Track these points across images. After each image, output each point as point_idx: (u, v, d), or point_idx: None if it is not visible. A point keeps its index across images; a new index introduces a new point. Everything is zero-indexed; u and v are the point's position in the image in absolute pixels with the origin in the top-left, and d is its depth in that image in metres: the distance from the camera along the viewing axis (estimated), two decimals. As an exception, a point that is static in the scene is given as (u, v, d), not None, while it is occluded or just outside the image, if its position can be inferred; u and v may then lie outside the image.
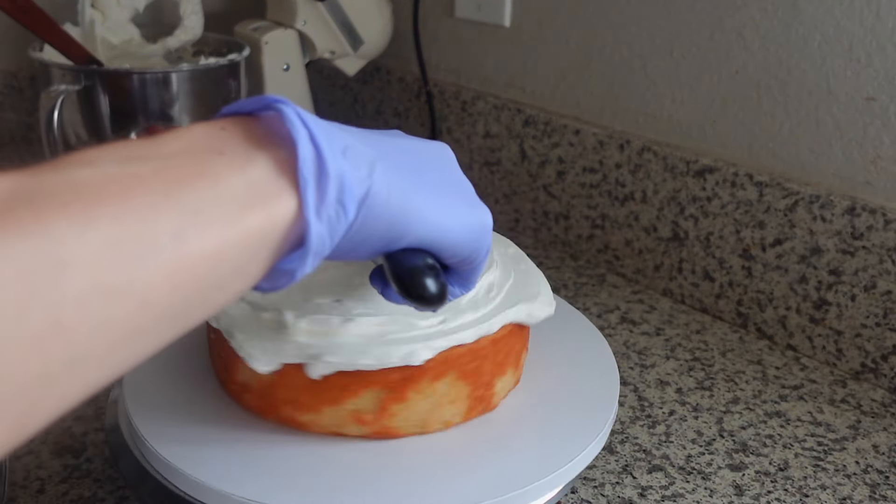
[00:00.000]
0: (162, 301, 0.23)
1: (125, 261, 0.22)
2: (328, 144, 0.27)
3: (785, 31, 0.62)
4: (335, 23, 0.87)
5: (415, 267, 0.31)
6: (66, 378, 0.21)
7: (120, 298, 0.22)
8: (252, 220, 0.25)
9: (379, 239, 0.30)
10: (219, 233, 0.24)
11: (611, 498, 0.47)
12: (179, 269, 0.23)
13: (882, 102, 0.57)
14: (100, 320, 0.21)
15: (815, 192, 0.60)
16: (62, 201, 0.21)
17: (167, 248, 0.23)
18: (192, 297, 0.24)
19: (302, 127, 0.27)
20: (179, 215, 0.23)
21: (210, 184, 0.25)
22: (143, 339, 0.23)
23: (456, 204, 0.33)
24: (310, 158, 0.27)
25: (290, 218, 0.26)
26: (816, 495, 0.48)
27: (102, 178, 0.23)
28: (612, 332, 0.65)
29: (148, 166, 0.24)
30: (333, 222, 0.27)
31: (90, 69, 0.72)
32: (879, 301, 0.58)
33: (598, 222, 0.76)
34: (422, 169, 0.33)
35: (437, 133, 0.91)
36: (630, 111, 0.74)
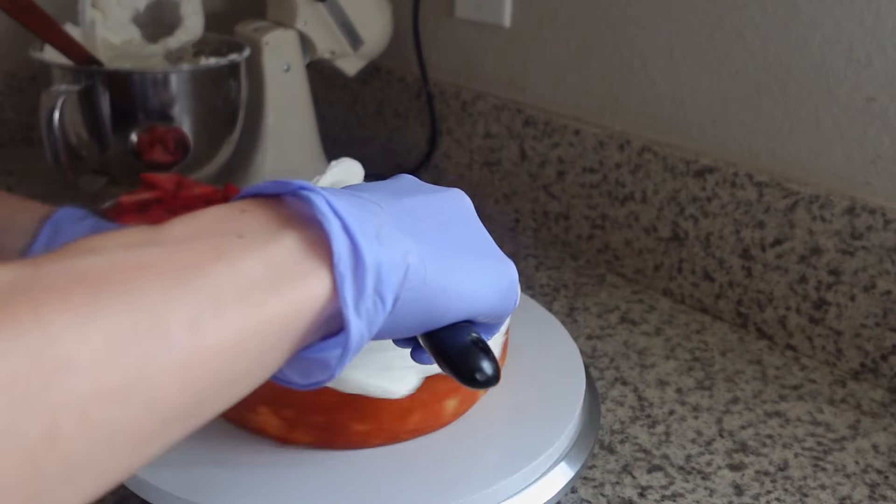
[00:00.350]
0: (171, 402, 0.21)
1: (132, 359, 0.19)
2: (362, 232, 0.25)
3: (785, 31, 0.62)
4: (335, 23, 0.87)
5: (464, 347, 0.29)
6: (61, 492, 0.19)
7: (124, 402, 0.19)
8: (275, 307, 0.23)
9: (415, 321, 0.28)
10: (238, 322, 0.22)
11: (611, 498, 0.47)
12: (193, 366, 0.21)
13: (882, 102, 0.57)
14: (100, 427, 0.19)
15: (815, 192, 0.61)
16: (63, 293, 0.19)
17: (180, 342, 0.20)
18: (206, 392, 0.22)
19: (334, 217, 0.25)
20: (194, 304, 0.21)
21: (229, 268, 0.23)
22: (146, 444, 0.21)
23: (485, 265, 0.31)
24: (345, 251, 0.25)
25: (320, 303, 0.24)
26: (816, 495, 0.48)
27: (108, 266, 0.21)
28: (611, 332, 0.65)
29: (159, 251, 0.22)
30: (371, 314, 0.25)
31: (90, 69, 0.72)
32: (879, 301, 0.58)
33: (598, 222, 0.76)
34: (447, 230, 0.31)
35: (437, 133, 0.91)
36: (630, 111, 0.74)
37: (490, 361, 0.29)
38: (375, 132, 1.00)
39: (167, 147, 0.76)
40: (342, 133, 1.05)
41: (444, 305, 0.29)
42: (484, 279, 0.31)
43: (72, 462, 0.19)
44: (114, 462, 0.20)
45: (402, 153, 0.96)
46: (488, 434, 0.45)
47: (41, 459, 0.18)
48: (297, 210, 0.26)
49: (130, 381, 0.19)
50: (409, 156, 0.96)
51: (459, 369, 0.29)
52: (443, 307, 0.29)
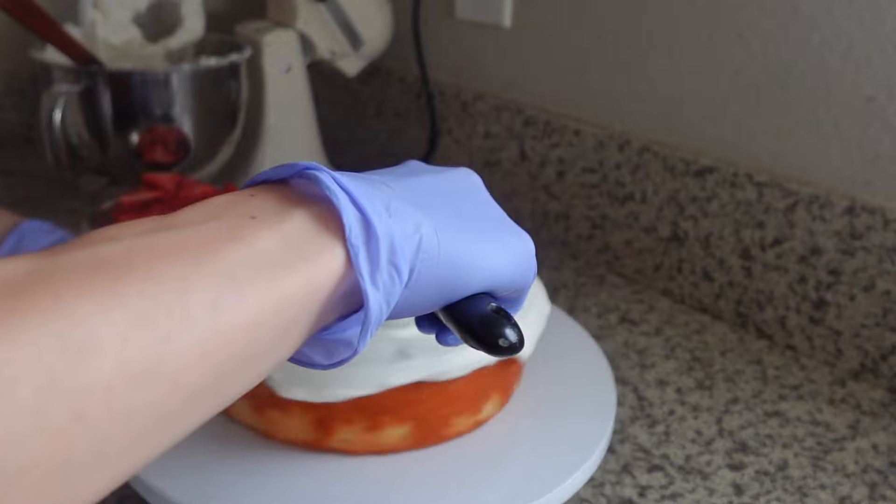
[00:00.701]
0: (195, 379, 0.21)
1: (155, 340, 0.20)
2: (371, 205, 0.25)
3: (785, 31, 0.62)
4: (336, 23, 0.87)
5: (486, 316, 0.29)
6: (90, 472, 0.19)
7: (149, 382, 0.20)
8: (292, 283, 0.23)
9: (433, 294, 0.28)
10: (257, 299, 0.22)
11: (610, 497, 0.47)
12: (215, 342, 0.21)
13: (882, 102, 0.57)
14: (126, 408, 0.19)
15: (815, 192, 0.61)
16: (84, 279, 0.20)
17: (201, 320, 0.21)
18: (228, 370, 0.22)
19: (341, 192, 0.25)
20: (213, 283, 0.22)
21: (244, 247, 0.23)
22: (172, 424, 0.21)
23: (500, 238, 0.31)
24: (356, 223, 0.25)
25: (335, 277, 0.25)
26: (816, 495, 0.48)
27: (126, 252, 0.21)
28: (611, 332, 0.65)
29: (175, 235, 0.22)
30: (388, 287, 0.26)
31: (91, 70, 0.72)
32: (879, 301, 0.58)
33: (598, 222, 0.76)
34: (459, 207, 0.31)
35: (437, 133, 0.91)
36: (630, 111, 0.74)
37: (513, 328, 0.29)
38: (375, 132, 1.00)
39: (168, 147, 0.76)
40: (342, 133, 1.05)
41: (462, 277, 0.29)
42: (500, 251, 0.31)
43: (100, 443, 0.19)
44: (141, 442, 0.20)
45: (402, 153, 0.96)
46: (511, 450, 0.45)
47: (70, 441, 0.18)
48: (305, 190, 0.27)
49: (154, 361, 0.20)
50: (408, 156, 0.96)
51: (482, 338, 0.29)
52: (460, 279, 0.29)
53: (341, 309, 0.26)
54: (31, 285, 0.19)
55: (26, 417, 0.17)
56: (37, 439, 0.18)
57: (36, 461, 0.18)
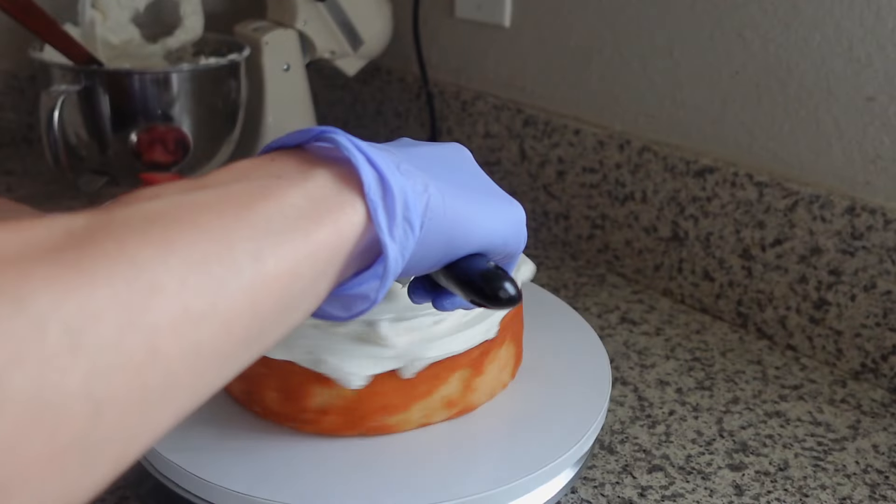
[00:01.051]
0: (245, 323, 0.23)
1: (209, 284, 0.21)
2: (385, 164, 0.27)
3: (785, 31, 0.62)
4: (335, 23, 0.87)
5: (486, 271, 0.31)
6: (163, 405, 0.21)
7: (207, 322, 0.21)
8: (321, 235, 0.25)
9: (438, 251, 0.30)
10: (292, 250, 0.24)
11: (611, 498, 0.47)
12: (259, 289, 0.23)
13: (882, 102, 0.57)
14: (191, 346, 0.21)
15: (815, 192, 0.60)
16: (140, 230, 0.21)
17: (246, 268, 0.23)
18: (270, 317, 0.24)
19: (357, 151, 0.27)
20: (253, 236, 0.23)
21: (275, 203, 0.25)
22: (227, 363, 0.23)
23: (494, 203, 0.33)
24: (373, 180, 0.27)
25: (357, 231, 0.27)
26: (816, 495, 0.48)
27: (172, 207, 0.23)
28: (612, 332, 0.65)
29: (211, 194, 0.24)
30: (403, 241, 0.28)
31: (90, 69, 0.72)
32: (879, 301, 0.58)
33: (598, 222, 0.76)
34: (455, 174, 0.33)
35: (437, 133, 0.91)
36: (630, 111, 0.74)
37: (511, 282, 0.31)
38: (375, 132, 1.00)
39: (167, 147, 0.76)
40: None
41: (463, 236, 0.31)
42: (495, 214, 0.33)
43: (171, 378, 0.20)
44: (201, 380, 0.22)
45: (402, 153, 0.96)
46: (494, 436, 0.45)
47: (147, 376, 0.20)
48: (322, 153, 0.29)
49: (210, 304, 0.21)
50: (409, 156, 0.95)
51: (484, 291, 0.31)
52: (461, 237, 0.31)
53: (358, 264, 0.28)
54: (95, 234, 0.20)
55: (110, 351, 0.19)
56: (119, 372, 0.19)
57: (119, 394, 0.19)
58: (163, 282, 0.20)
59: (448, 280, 0.32)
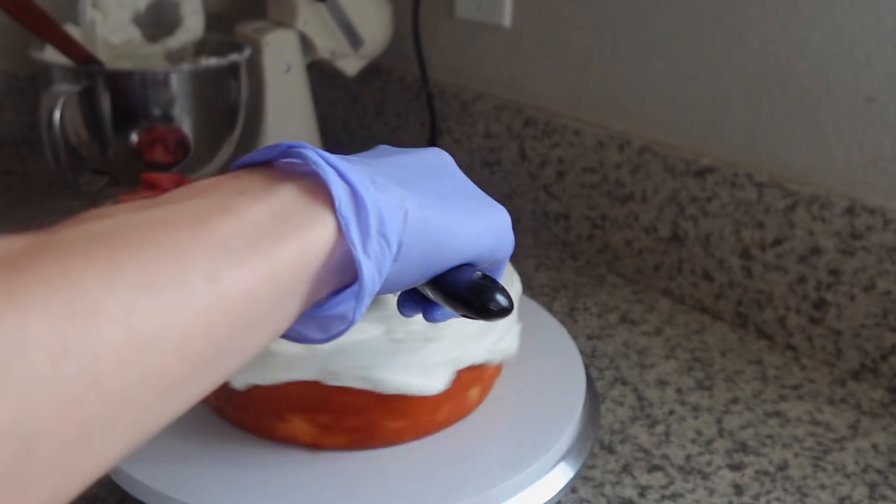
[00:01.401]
0: (198, 348, 0.21)
1: (158, 307, 0.20)
2: (358, 178, 0.26)
3: (785, 31, 0.62)
4: (335, 23, 0.87)
5: (474, 283, 0.30)
6: (103, 440, 0.19)
7: (155, 349, 0.20)
8: (285, 253, 0.24)
9: (420, 266, 0.29)
10: (252, 269, 0.23)
11: (610, 497, 0.47)
12: (214, 312, 0.22)
13: (882, 102, 0.57)
14: (136, 374, 0.20)
15: (815, 192, 0.61)
16: (84, 251, 0.20)
17: (200, 289, 0.21)
18: (227, 340, 0.23)
19: (327, 165, 0.26)
20: (209, 255, 0.22)
21: (235, 220, 0.23)
22: (178, 393, 0.22)
23: (477, 210, 0.32)
24: (345, 195, 0.26)
25: (326, 249, 0.25)
26: (816, 495, 0.48)
27: (122, 227, 0.21)
28: (612, 332, 0.65)
29: (166, 211, 0.23)
30: (379, 257, 0.26)
31: (91, 70, 0.72)
32: (879, 301, 0.58)
33: (598, 222, 0.76)
34: (434, 183, 0.32)
35: (437, 133, 0.91)
36: (630, 111, 0.74)
37: (501, 293, 0.30)
38: (375, 132, 1.00)
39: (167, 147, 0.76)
40: (342, 133, 1.05)
41: (446, 248, 0.30)
42: (479, 222, 0.32)
43: (112, 408, 0.19)
44: (150, 411, 0.21)
45: (402, 153, 0.96)
46: (488, 435, 0.45)
47: (84, 405, 0.18)
48: (290, 168, 0.27)
49: (158, 327, 0.20)
50: (409, 156, 0.95)
51: (472, 304, 0.30)
52: (445, 250, 0.30)
53: (333, 284, 0.27)
54: (35, 255, 0.19)
55: (42, 383, 0.17)
56: (53, 406, 0.18)
57: (53, 428, 0.18)
58: (106, 306, 0.19)
59: (436, 294, 0.31)
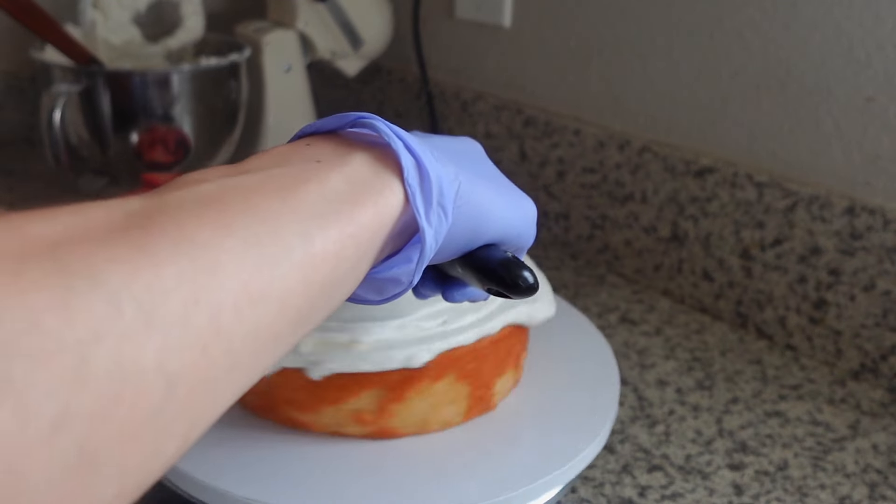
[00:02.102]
0: (297, 303, 0.23)
1: (264, 264, 0.22)
2: (422, 150, 0.28)
3: (785, 31, 0.62)
4: (335, 23, 0.87)
5: (505, 260, 0.32)
6: (226, 384, 0.21)
7: (265, 302, 0.22)
8: (363, 217, 0.26)
9: (462, 238, 0.31)
10: (338, 230, 0.25)
11: (610, 497, 0.47)
12: (309, 269, 0.23)
13: (882, 102, 0.57)
14: (249, 326, 0.21)
15: (815, 192, 0.61)
16: (195, 212, 0.21)
17: (297, 249, 0.23)
18: (318, 297, 0.24)
19: (396, 137, 0.28)
20: (301, 217, 0.24)
21: (317, 186, 0.25)
22: (280, 343, 0.23)
23: (509, 195, 0.34)
24: (411, 165, 0.28)
25: (395, 215, 0.27)
26: (816, 495, 0.48)
27: (222, 192, 0.23)
28: (611, 332, 0.65)
29: (255, 178, 0.24)
30: (437, 226, 0.28)
31: (91, 70, 0.72)
32: (879, 301, 0.58)
33: (598, 222, 0.76)
34: (475, 165, 0.34)
35: (437, 133, 0.91)
36: (630, 111, 0.74)
37: (529, 271, 0.31)
38: (376, 132, 1.00)
39: (168, 147, 0.76)
40: (342, 133, 1.05)
41: (486, 225, 0.31)
42: (513, 206, 0.33)
43: (233, 357, 0.21)
44: (258, 359, 0.22)
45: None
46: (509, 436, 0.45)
47: (212, 354, 0.20)
48: (359, 137, 0.29)
49: (266, 283, 0.22)
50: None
51: (503, 279, 0.31)
52: (484, 226, 0.31)
53: (391, 248, 0.29)
54: (153, 216, 0.21)
55: (179, 328, 0.19)
56: (188, 350, 0.19)
57: (188, 371, 0.19)
58: (223, 261, 0.21)
59: (465, 269, 0.33)
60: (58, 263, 0.18)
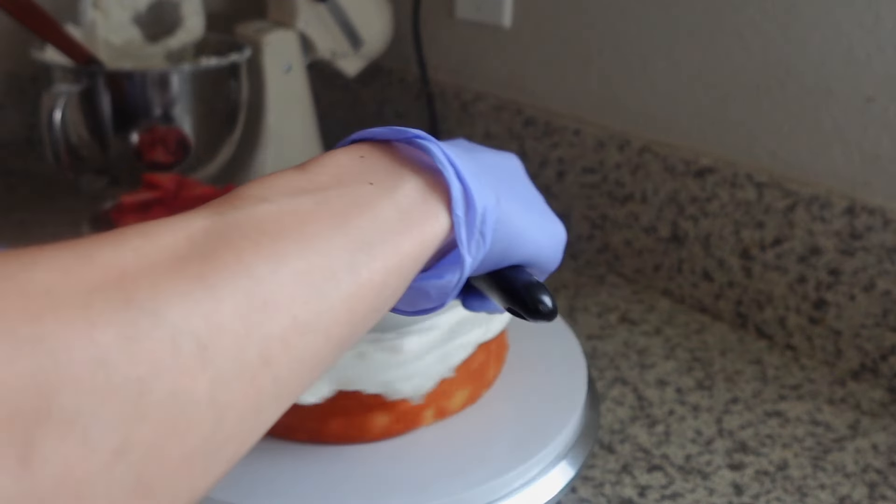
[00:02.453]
0: (341, 331, 0.24)
1: (313, 296, 0.23)
2: (470, 178, 0.28)
3: (785, 31, 0.62)
4: (336, 23, 0.87)
5: (529, 283, 0.32)
6: (272, 409, 0.22)
7: (312, 332, 0.22)
8: (407, 246, 0.26)
9: (493, 259, 0.31)
10: (384, 261, 0.25)
11: (610, 497, 0.47)
12: (355, 300, 0.24)
13: (882, 103, 0.57)
14: (297, 355, 0.22)
15: (815, 192, 0.61)
16: (254, 240, 0.22)
17: (344, 280, 0.24)
18: (361, 324, 0.25)
19: (449, 165, 0.28)
20: (350, 247, 0.24)
21: (369, 214, 0.26)
22: (322, 367, 0.24)
23: (542, 219, 0.34)
24: (459, 195, 0.28)
25: (437, 242, 0.28)
26: (815, 495, 0.48)
27: (279, 215, 0.24)
28: (611, 332, 0.65)
29: (312, 200, 0.25)
30: (476, 252, 0.29)
31: (92, 70, 0.72)
32: (878, 301, 0.58)
33: (598, 222, 0.76)
34: (513, 185, 0.34)
35: (437, 133, 0.91)
36: (630, 111, 0.74)
37: (550, 297, 0.32)
38: (376, 132, 1.00)
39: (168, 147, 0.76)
40: (342, 133, 1.05)
41: (517, 247, 0.32)
42: (544, 231, 0.34)
43: (280, 384, 0.22)
44: (303, 382, 0.23)
45: (402, 153, 0.96)
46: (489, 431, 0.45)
47: (260, 384, 0.21)
48: (410, 155, 0.29)
49: (314, 315, 0.22)
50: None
51: (525, 301, 0.31)
52: (516, 248, 0.32)
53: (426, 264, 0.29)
54: (214, 245, 0.22)
55: (230, 361, 0.20)
56: (238, 381, 0.20)
57: (237, 401, 0.20)
58: (274, 294, 0.21)
59: (490, 286, 0.33)
60: (124, 295, 0.19)
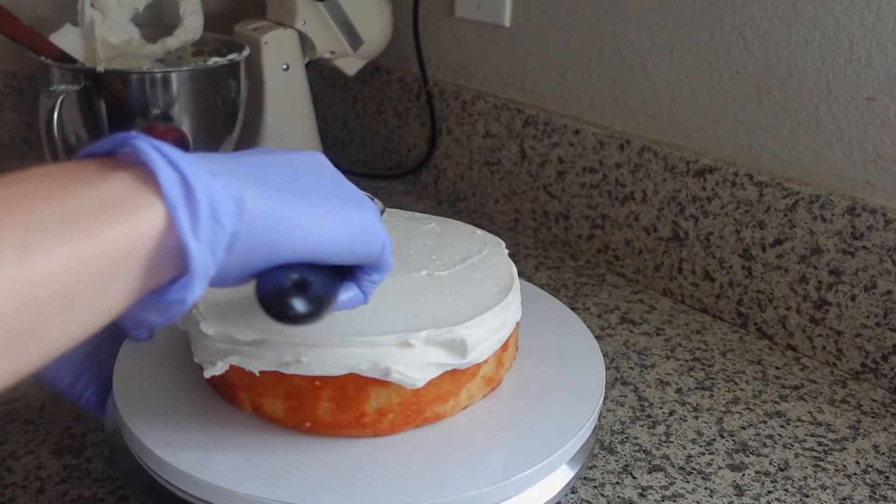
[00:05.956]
0: (11, 317, 0.23)
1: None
2: (190, 167, 0.27)
3: (785, 31, 0.62)
4: (335, 23, 0.87)
5: (278, 287, 0.31)
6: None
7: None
8: (109, 235, 0.25)
9: (262, 256, 0.30)
10: (70, 249, 0.24)
11: (611, 498, 0.47)
12: (26, 286, 0.23)
13: (882, 102, 0.57)
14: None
15: (816, 192, 0.60)
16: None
17: (11, 264, 0.23)
18: (46, 314, 0.24)
19: (157, 154, 0.27)
20: (23, 232, 0.23)
21: (59, 201, 0.25)
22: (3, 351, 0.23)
23: (332, 208, 0.33)
24: (173, 181, 0.27)
25: (156, 233, 0.26)
26: (816, 495, 0.48)
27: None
28: (612, 332, 0.65)
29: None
30: (211, 239, 0.28)
31: (90, 69, 0.72)
32: (879, 301, 0.58)
33: (598, 222, 0.76)
34: (294, 180, 0.33)
35: (437, 133, 0.91)
36: (630, 111, 0.74)
37: (304, 300, 0.31)
38: (375, 132, 1.00)
39: (167, 147, 0.76)
40: (342, 133, 1.04)
41: (283, 240, 0.31)
42: (335, 220, 0.33)
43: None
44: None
45: (402, 153, 0.96)
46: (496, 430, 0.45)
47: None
48: (128, 158, 0.28)
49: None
50: (409, 155, 0.95)
51: (270, 307, 0.31)
52: (281, 241, 0.31)
53: (174, 271, 0.28)
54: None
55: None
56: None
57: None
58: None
59: (255, 294, 0.32)
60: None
